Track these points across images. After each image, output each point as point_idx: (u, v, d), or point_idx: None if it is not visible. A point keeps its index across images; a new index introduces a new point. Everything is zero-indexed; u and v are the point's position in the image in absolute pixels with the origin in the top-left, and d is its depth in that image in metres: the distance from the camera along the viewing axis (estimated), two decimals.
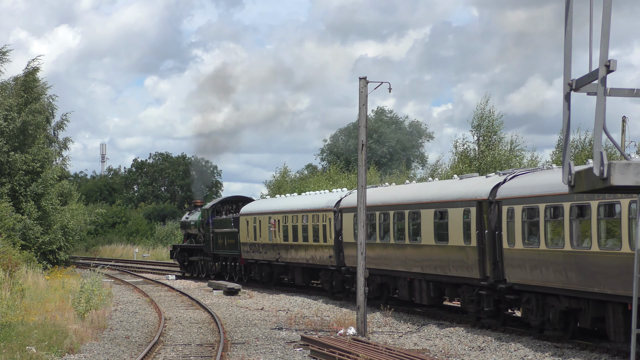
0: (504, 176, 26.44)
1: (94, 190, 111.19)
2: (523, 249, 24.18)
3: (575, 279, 21.96)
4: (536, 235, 23.57)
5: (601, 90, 6.35)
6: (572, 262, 22.03)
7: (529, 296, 24.37)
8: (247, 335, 26.09)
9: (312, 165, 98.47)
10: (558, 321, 23.18)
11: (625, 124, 45.97)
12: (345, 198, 36.64)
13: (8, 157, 47.49)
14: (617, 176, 6.29)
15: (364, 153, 26.99)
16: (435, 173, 65.63)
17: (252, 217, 45.36)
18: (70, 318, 26.79)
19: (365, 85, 27.00)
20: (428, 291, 29.68)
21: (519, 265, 24.38)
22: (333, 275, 37.47)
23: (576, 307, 22.43)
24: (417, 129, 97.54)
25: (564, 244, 22.30)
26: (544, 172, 25.21)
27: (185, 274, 55.39)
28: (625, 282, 19.87)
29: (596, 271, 21.19)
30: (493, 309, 26.34)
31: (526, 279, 24.11)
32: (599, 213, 21.12)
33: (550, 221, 23.01)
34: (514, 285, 24.70)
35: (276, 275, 44.41)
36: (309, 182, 76.46)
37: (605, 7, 6.28)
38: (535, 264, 23.62)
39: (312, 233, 38.65)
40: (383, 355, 20.55)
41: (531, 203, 23.80)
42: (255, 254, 45.03)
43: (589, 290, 21.45)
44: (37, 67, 52.93)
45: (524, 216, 24.10)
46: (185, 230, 56.49)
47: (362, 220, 27.31)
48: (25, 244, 44.58)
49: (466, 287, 27.45)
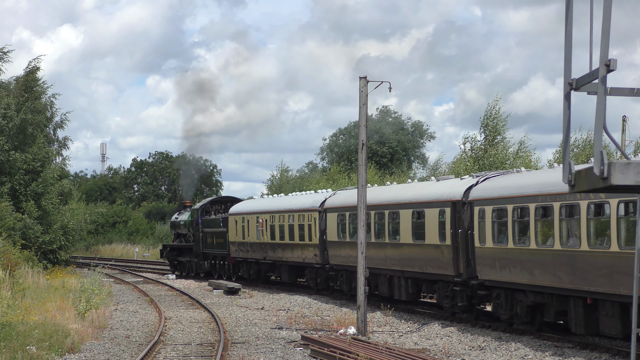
0: (476, 178, 27.77)
1: (94, 189, 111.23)
2: (493, 248, 25.46)
3: (540, 275, 23.23)
4: (505, 234, 24.86)
5: (601, 90, 6.34)
6: (537, 259, 23.28)
7: (498, 292, 25.71)
8: (247, 335, 26.08)
9: (313, 162, 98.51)
10: (525, 315, 24.54)
11: (625, 123, 45.99)
12: (329, 199, 37.96)
13: (8, 157, 47.47)
14: (618, 175, 6.29)
15: (365, 152, 26.98)
16: (436, 172, 65.60)
17: (240, 217, 46.67)
18: (70, 317, 26.79)
19: (365, 85, 26.99)
20: (407, 287, 31.10)
21: (490, 262, 25.69)
22: (318, 272, 38.82)
23: (542, 301, 23.75)
24: (419, 129, 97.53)
25: (530, 243, 23.61)
26: (513, 175, 26.49)
27: (175, 272, 56.29)
28: (585, 277, 21.40)
29: (559, 268, 22.41)
30: (466, 304, 27.72)
31: (496, 275, 25.44)
32: (561, 214, 22.29)
33: (518, 221, 24.27)
34: (485, 281, 26.04)
35: (264, 273, 45.74)
36: (308, 181, 76.47)
37: (605, 7, 6.27)
38: (504, 261, 24.96)
39: (297, 232, 39.97)
40: (383, 354, 20.55)
41: (500, 204, 25.11)
42: (244, 252, 46.31)
43: (553, 285, 22.78)
44: (37, 67, 52.92)
45: (494, 216, 25.38)
46: (174, 230, 57.49)
47: (362, 219, 27.31)
48: (26, 244, 44.58)
49: (441, 283, 28.86)
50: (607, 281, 20.71)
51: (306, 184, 73.29)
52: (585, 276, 21.46)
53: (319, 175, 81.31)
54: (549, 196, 22.85)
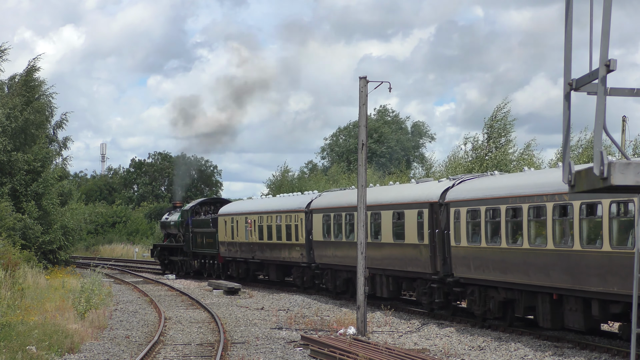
0: (453, 181, 29.11)
1: (93, 189, 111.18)
2: (467, 247, 26.80)
3: (511, 273, 24.61)
4: (478, 234, 26.16)
5: (601, 90, 6.34)
6: (508, 258, 24.68)
7: (472, 289, 27.02)
8: (247, 335, 26.08)
9: (313, 162, 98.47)
10: (497, 310, 25.93)
11: (625, 123, 45.95)
12: (315, 200, 39.34)
13: (10, 157, 47.44)
14: (618, 176, 6.29)
15: (364, 152, 26.98)
16: (430, 172, 65.56)
17: (229, 218, 48.04)
18: (70, 318, 26.79)
19: (365, 85, 26.99)
20: (388, 285, 32.42)
21: (464, 261, 27.03)
22: (304, 271, 40.13)
23: (512, 297, 25.14)
24: (419, 130, 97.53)
25: (501, 242, 24.97)
26: (487, 178, 27.97)
27: (165, 272, 57.31)
28: (551, 275, 22.73)
29: (528, 266, 23.72)
30: (443, 301, 29.12)
31: (470, 273, 26.76)
32: (530, 215, 23.57)
33: (490, 222, 25.58)
34: (460, 279, 27.36)
35: (252, 272, 47.31)
36: (308, 181, 76.42)
37: (605, 7, 6.27)
38: (477, 260, 26.27)
39: (285, 232, 41.27)
40: (383, 354, 20.55)
41: (474, 205, 26.46)
42: (233, 252, 47.69)
43: (522, 282, 24.12)
44: (35, 66, 52.87)
45: (468, 217, 26.69)
46: (165, 230, 58.84)
47: (362, 219, 27.29)
48: (26, 244, 44.54)
49: (420, 281, 30.16)
50: (571, 278, 21.97)
51: (304, 184, 73.23)
52: (551, 273, 22.73)
53: (319, 175, 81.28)
54: (518, 198, 24.14)
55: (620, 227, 20.50)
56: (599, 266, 20.89)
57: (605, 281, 20.73)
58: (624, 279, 19.91)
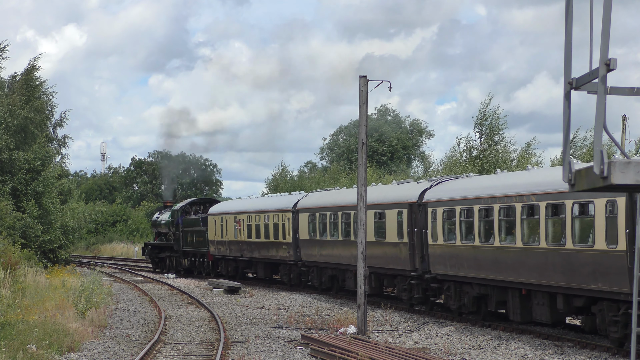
0: (431, 182, 30.76)
1: (94, 188, 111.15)
2: (443, 245, 28.27)
3: (484, 269, 26.05)
4: (454, 233, 27.64)
5: (601, 89, 6.34)
6: (481, 255, 26.12)
7: (449, 284, 28.59)
8: (247, 334, 26.08)
9: (312, 162, 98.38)
10: (472, 305, 27.43)
11: (625, 122, 45.94)
12: (301, 200, 40.87)
13: (11, 155, 47.41)
14: (618, 175, 6.28)
15: (365, 152, 26.97)
16: (429, 171, 65.48)
17: (219, 217, 49.53)
18: (70, 317, 26.79)
19: (365, 84, 26.97)
20: (370, 282, 33.08)
21: (441, 258, 28.55)
22: (291, 268, 41.69)
23: (485, 293, 26.62)
24: (418, 127, 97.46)
25: (475, 240, 26.35)
26: (462, 180, 29.58)
27: (156, 270, 58.80)
28: (520, 271, 24.15)
29: (499, 263, 25.26)
30: (421, 296, 30.64)
31: (446, 270, 28.25)
32: (500, 215, 25.06)
33: (464, 221, 27.02)
34: (437, 275, 28.90)
35: (241, 270, 48.58)
36: (307, 180, 76.38)
37: (605, 6, 6.27)
38: (453, 257, 27.75)
39: (272, 231, 42.73)
40: (383, 353, 20.54)
41: (450, 206, 27.93)
42: (222, 250, 49.29)
43: (494, 278, 25.63)
44: (36, 65, 52.86)
45: (445, 217, 28.17)
46: (155, 229, 60.13)
47: (362, 218, 27.28)
48: (26, 243, 44.53)
49: (400, 277, 31.67)
50: (538, 274, 23.37)
51: (303, 183, 73.19)
52: (520, 270, 24.16)
53: (319, 175, 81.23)
54: (490, 199, 25.64)
55: (582, 227, 21.80)
56: (563, 263, 22.27)
57: (568, 277, 22.16)
58: (586, 275, 21.44)
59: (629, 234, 19.83)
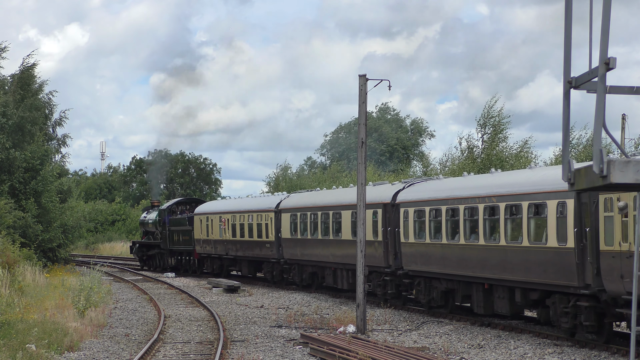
0: (404, 184, 32.47)
1: (93, 187, 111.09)
2: (414, 243, 30.05)
3: (450, 266, 27.77)
4: (424, 231, 29.41)
5: (601, 88, 6.34)
6: (448, 252, 27.84)
7: (419, 280, 30.33)
8: (246, 333, 26.08)
9: (312, 159, 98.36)
10: (440, 299, 29.31)
11: (625, 121, 45.93)
12: (283, 200, 42.61)
13: (8, 155, 47.35)
14: (617, 174, 6.28)
15: (364, 150, 26.95)
16: (428, 170, 65.46)
17: (205, 216, 51.34)
18: (69, 316, 26.79)
19: (364, 83, 26.95)
20: (348, 278, 35.62)
21: (412, 255, 30.31)
22: (274, 266, 43.50)
23: (452, 287, 28.44)
24: (418, 127, 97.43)
25: (442, 239, 28.14)
26: (433, 182, 31.54)
27: (143, 267, 60.49)
28: (483, 267, 25.90)
29: (464, 260, 26.94)
30: (395, 291, 32.23)
31: (417, 266, 30.06)
32: (465, 214, 26.73)
33: (433, 220, 28.81)
34: (409, 271, 30.65)
35: (226, 268, 50.22)
36: (307, 180, 76.34)
37: (604, 5, 6.27)
38: (423, 254, 29.59)
39: (256, 230, 44.46)
40: (382, 353, 20.54)
41: (420, 206, 29.70)
42: (208, 249, 51.02)
43: (459, 273, 27.36)
44: (33, 63, 52.77)
45: (415, 216, 29.95)
46: (143, 228, 61.80)
47: (362, 218, 27.28)
48: (25, 242, 44.49)
49: (375, 274, 33.08)
50: (499, 270, 25.22)
51: (303, 183, 73.15)
52: (483, 266, 25.91)
53: (319, 174, 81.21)
54: (456, 200, 27.41)
55: (536, 226, 23.54)
56: (520, 259, 24.14)
57: (525, 272, 23.97)
58: (540, 270, 23.24)
59: (577, 233, 21.67)
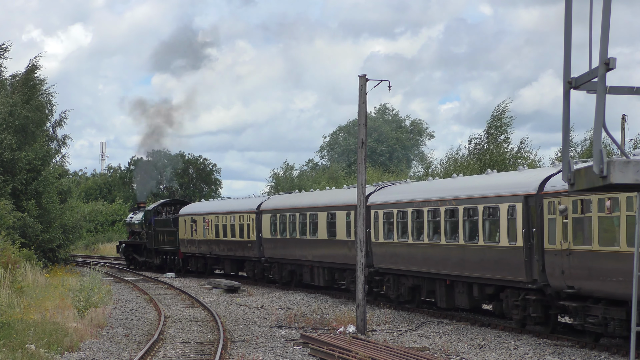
0: (375, 187, 34.26)
1: (93, 188, 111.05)
2: (384, 242, 31.97)
3: (416, 263, 29.83)
4: (392, 232, 31.33)
5: (601, 88, 6.34)
6: (414, 251, 29.84)
7: (388, 277, 32.35)
8: (246, 333, 26.08)
9: (313, 161, 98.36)
10: (407, 294, 31.35)
11: (625, 121, 45.91)
12: (264, 202, 44.70)
13: (14, 155, 47.35)
14: (617, 174, 6.29)
15: (364, 151, 26.95)
16: (428, 171, 65.44)
17: (189, 217, 53.28)
18: (69, 316, 26.78)
19: (364, 83, 26.95)
20: (324, 275, 37.69)
21: (382, 254, 32.14)
22: (255, 265, 45.50)
23: (418, 283, 30.53)
24: (418, 127, 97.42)
25: (409, 238, 30.08)
26: (401, 185, 33.54)
27: (129, 266, 62.23)
28: (445, 264, 27.95)
29: (428, 258, 29.01)
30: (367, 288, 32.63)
31: (386, 264, 31.90)
32: (429, 216, 28.74)
33: (400, 222, 30.73)
34: (379, 269, 32.47)
35: (210, 267, 52.15)
36: (307, 180, 76.36)
37: (604, 6, 6.27)
38: (391, 253, 31.44)
39: (238, 231, 46.32)
40: (383, 353, 20.54)
41: (389, 208, 31.60)
42: (192, 248, 52.90)
43: (424, 270, 29.46)
44: (37, 65, 52.82)
45: (384, 218, 31.88)
46: (130, 229, 63.79)
47: (361, 218, 27.27)
48: (25, 242, 44.48)
49: (349, 271, 34.89)
50: (459, 267, 27.22)
51: (303, 183, 73.18)
52: (445, 263, 27.92)
53: (319, 174, 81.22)
54: (421, 202, 29.45)
55: (491, 227, 25.64)
56: (477, 257, 26.19)
57: (481, 269, 26.04)
58: (494, 267, 25.39)
59: (525, 233, 23.83)
